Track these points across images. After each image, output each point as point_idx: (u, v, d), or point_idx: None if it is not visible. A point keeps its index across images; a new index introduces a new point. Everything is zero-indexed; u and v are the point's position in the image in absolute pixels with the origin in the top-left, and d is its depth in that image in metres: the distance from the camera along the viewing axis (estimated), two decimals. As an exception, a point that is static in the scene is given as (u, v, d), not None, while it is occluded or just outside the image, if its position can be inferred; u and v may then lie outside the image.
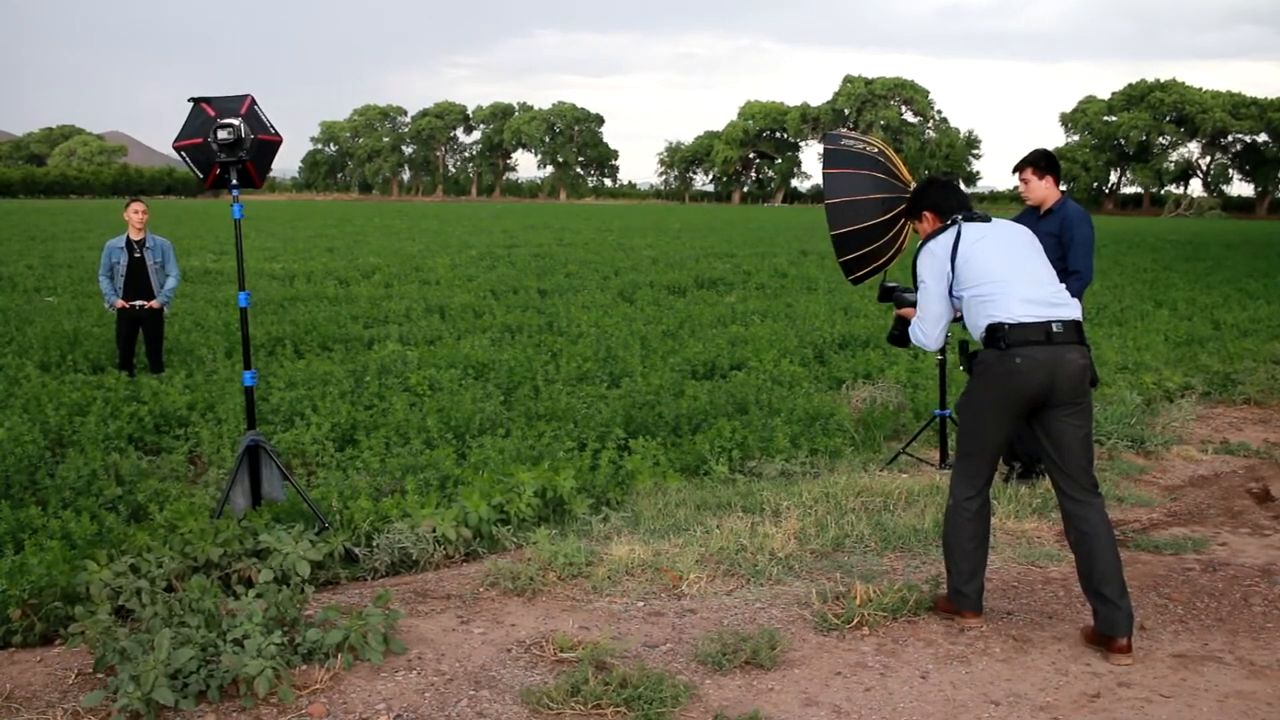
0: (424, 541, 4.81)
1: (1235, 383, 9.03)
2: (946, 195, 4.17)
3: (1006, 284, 3.82)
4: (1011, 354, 3.74)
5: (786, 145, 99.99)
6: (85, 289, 14.86)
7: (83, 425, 6.76)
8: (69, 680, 3.49)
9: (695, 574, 4.47)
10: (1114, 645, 3.73)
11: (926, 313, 4.03)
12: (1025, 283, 3.83)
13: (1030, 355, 3.73)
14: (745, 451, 6.47)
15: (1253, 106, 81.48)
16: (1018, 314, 3.76)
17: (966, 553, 3.97)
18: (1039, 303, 3.79)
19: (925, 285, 4.01)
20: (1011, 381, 3.75)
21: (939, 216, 4.14)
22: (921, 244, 4.11)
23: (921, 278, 4.03)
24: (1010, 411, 3.82)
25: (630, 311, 13.13)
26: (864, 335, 10.91)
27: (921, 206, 4.23)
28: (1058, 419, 3.79)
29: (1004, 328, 3.76)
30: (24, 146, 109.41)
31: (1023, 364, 3.73)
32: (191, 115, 4.92)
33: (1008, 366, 3.75)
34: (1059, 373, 3.73)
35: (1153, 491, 6.10)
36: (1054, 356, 3.73)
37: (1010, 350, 3.74)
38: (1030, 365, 3.72)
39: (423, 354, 9.56)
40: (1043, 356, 3.73)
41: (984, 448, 3.90)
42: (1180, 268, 21.93)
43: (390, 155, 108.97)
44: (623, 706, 3.28)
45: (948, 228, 4.02)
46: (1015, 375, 3.74)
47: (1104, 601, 3.76)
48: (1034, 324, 3.75)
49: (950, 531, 4.00)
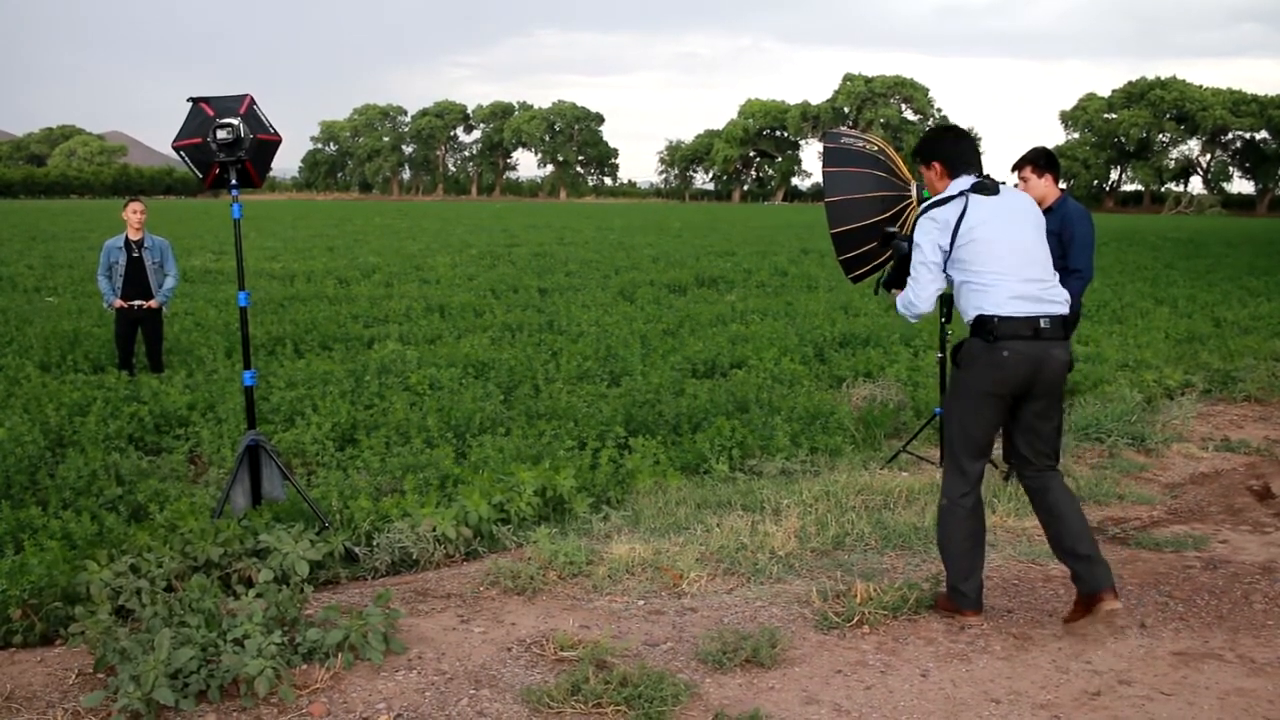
0: (424, 541, 4.81)
1: (1236, 380, 9.03)
2: (960, 148, 4.03)
3: (1001, 276, 3.81)
4: (999, 347, 3.77)
5: (787, 144, 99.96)
6: (85, 289, 14.86)
7: (83, 425, 6.76)
8: (69, 680, 3.49)
9: (696, 572, 4.46)
10: (1101, 600, 3.79)
11: (919, 279, 3.94)
12: (1019, 276, 3.82)
13: (1016, 350, 3.76)
14: (745, 450, 6.47)
15: (1253, 104, 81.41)
16: (1007, 308, 3.77)
17: (963, 551, 3.98)
18: (1029, 298, 3.80)
19: (921, 251, 3.91)
20: (998, 373, 3.79)
21: (948, 170, 4.01)
22: (925, 208, 3.96)
23: (918, 242, 3.93)
24: (996, 402, 3.84)
25: (630, 310, 13.13)
26: (864, 333, 10.90)
27: (932, 154, 4.07)
28: (1033, 410, 3.87)
29: (993, 321, 3.78)
30: (24, 146, 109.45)
31: (1009, 357, 3.77)
32: (191, 115, 4.92)
33: (994, 358, 3.78)
34: (1043, 368, 3.80)
35: (1153, 489, 6.09)
36: (1040, 352, 3.78)
37: (998, 343, 3.77)
38: (1016, 359, 3.77)
39: (423, 353, 9.56)
40: (1029, 351, 3.77)
41: (972, 440, 3.91)
42: (1181, 265, 21.92)
43: (390, 155, 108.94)
44: (623, 705, 3.28)
45: (955, 199, 3.89)
46: (1001, 367, 3.78)
47: (1081, 559, 3.84)
48: (1023, 319, 3.77)
49: (945, 531, 4.00)
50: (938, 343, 6.68)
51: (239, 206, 5.12)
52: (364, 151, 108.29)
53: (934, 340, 9.90)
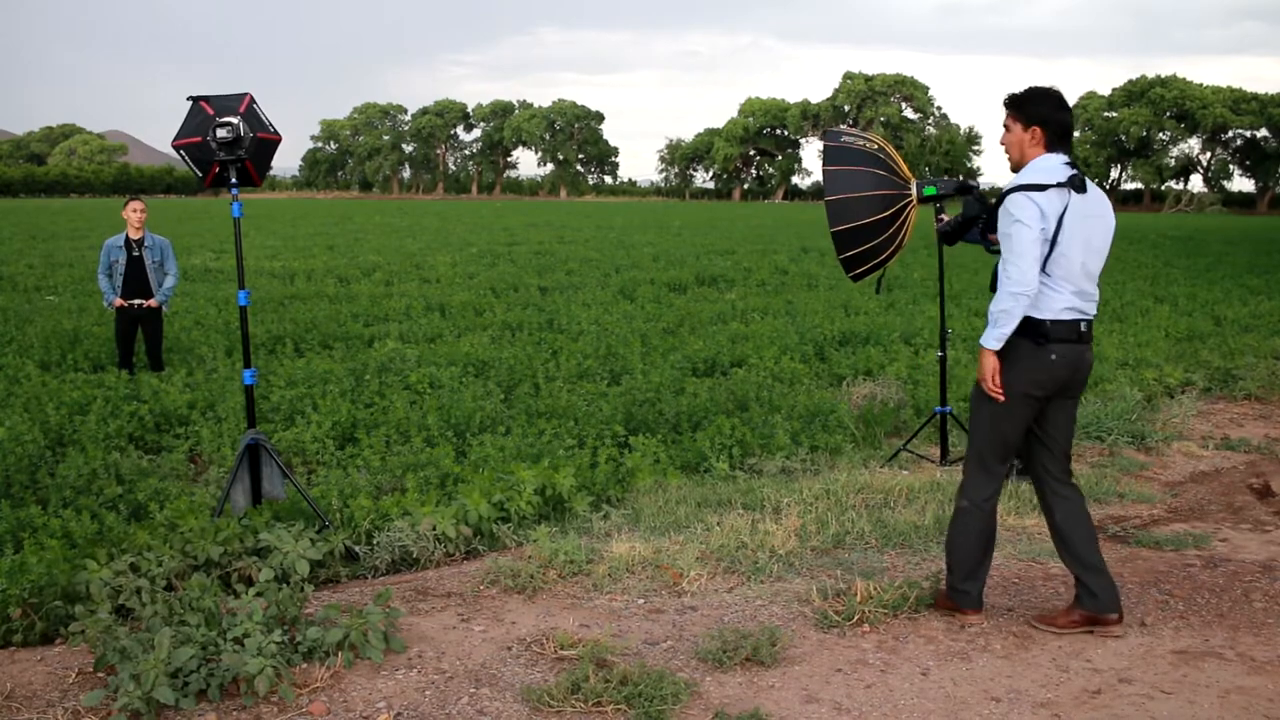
0: (424, 539, 4.81)
1: (1236, 378, 9.03)
2: (1063, 118, 3.78)
3: (1064, 284, 3.76)
4: (1048, 350, 3.77)
5: (787, 142, 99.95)
6: (85, 288, 14.86)
7: (83, 424, 6.77)
8: (69, 679, 3.49)
9: (696, 571, 4.46)
10: (1108, 624, 3.86)
11: (1025, 255, 3.65)
12: (1078, 287, 3.79)
13: (1062, 353, 3.79)
14: (746, 449, 6.46)
15: (1253, 102, 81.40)
16: (1061, 313, 3.77)
17: (974, 553, 3.98)
18: (1080, 302, 3.80)
19: (1026, 228, 3.66)
20: (1042, 375, 3.80)
21: (1048, 141, 3.77)
22: (1021, 185, 3.71)
23: (1022, 219, 3.67)
24: (1033, 404, 3.85)
25: (631, 309, 13.12)
26: (864, 332, 10.90)
27: (1041, 119, 3.77)
28: (1060, 407, 3.91)
29: (1045, 324, 3.76)
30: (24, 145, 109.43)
31: (1056, 360, 3.79)
32: (191, 114, 4.92)
33: (1043, 361, 3.78)
34: (1079, 368, 3.85)
35: (1153, 487, 6.09)
36: (1080, 355, 3.83)
37: (1048, 346, 3.77)
38: (1061, 362, 3.80)
39: (423, 352, 9.56)
40: (1071, 355, 3.81)
41: (1004, 441, 3.91)
42: (1181, 264, 21.91)
43: (391, 153, 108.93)
44: (623, 704, 3.28)
45: (1057, 189, 3.69)
46: (1047, 370, 3.79)
47: (1097, 572, 3.87)
48: (1071, 322, 3.79)
49: (961, 532, 3.98)
50: (938, 341, 6.68)
51: (239, 205, 5.12)
52: (364, 150, 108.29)
53: (934, 339, 9.90)
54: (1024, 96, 3.83)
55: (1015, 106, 3.84)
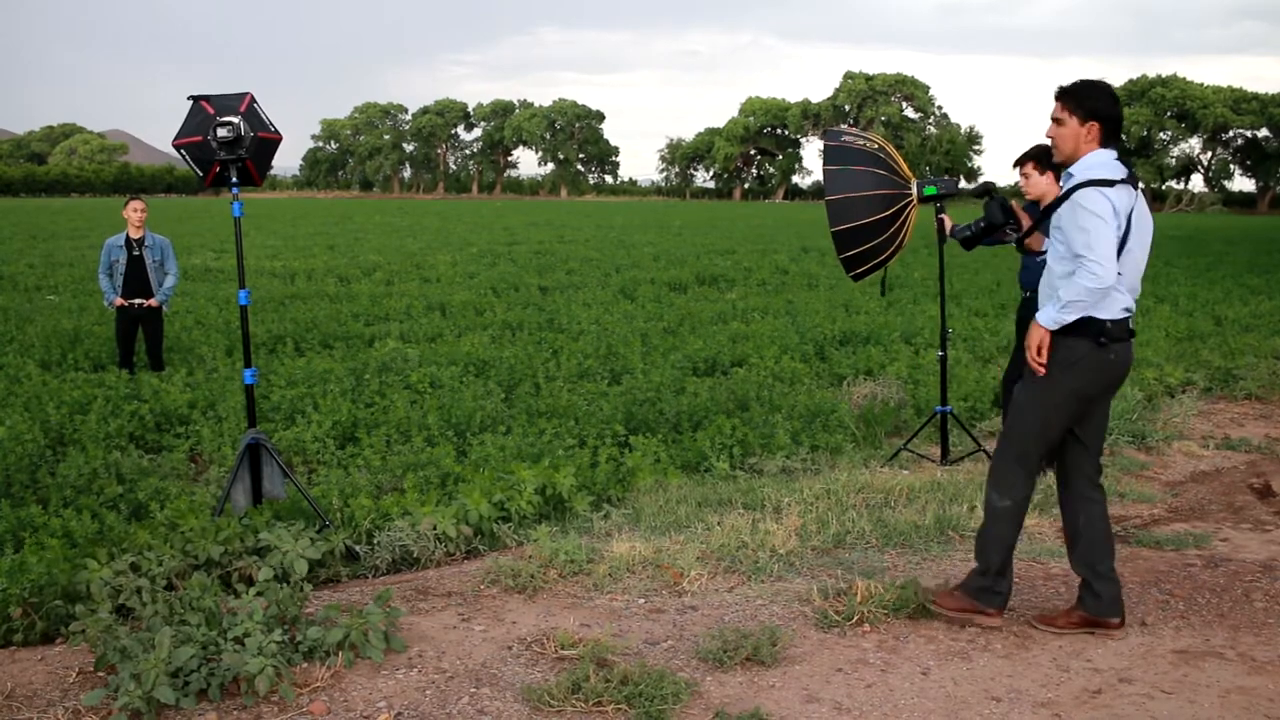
0: (425, 539, 4.81)
1: (1236, 378, 9.03)
2: (1117, 112, 3.70)
3: (1124, 282, 3.73)
4: (1109, 350, 3.76)
5: (787, 142, 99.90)
6: (86, 287, 14.86)
7: (83, 424, 6.77)
8: (70, 679, 3.49)
9: (696, 571, 4.46)
10: (1109, 627, 3.87)
11: (1107, 249, 3.56)
12: (1133, 285, 3.79)
13: (1120, 352, 3.79)
14: (746, 448, 6.46)
15: (1254, 102, 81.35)
16: (1119, 313, 3.76)
17: (1009, 550, 3.95)
18: (1131, 300, 3.81)
19: (1104, 223, 3.56)
20: (1100, 376, 3.79)
21: (1104, 136, 3.70)
22: (1089, 181, 3.61)
23: (1099, 213, 3.56)
24: (1085, 403, 3.83)
25: (631, 309, 13.12)
26: (865, 331, 10.90)
27: (1099, 113, 3.68)
28: (1101, 405, 3.92)
29: (1106, 325, 3.73)
30: (25, 145, 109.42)
31: (1115, 360, 3.78)
32: (191, 113, 4.92)
33: (1102, 361, 3.76)
34: (1129, 364, 3.87)
35: (1154, 487, 6.09)
36: (1129, 351, 3.84)
37: (1109, 346, 3.76)
38: (1118, 360, 3.80)
39: (423, 351, 9.56)
40: (1125, 354, 3.82)
41: (1049, 440, 3.89)
42: (1181, 263, 21.90)
43: (391, 153, 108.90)
44: (624, 704, 3.28)
45: (1124, 184, 3.63)
46: (1107, 370, 3.79)
47: (1107, 580, 3.88)
48: (1124, 320, 3.79)
49: (999, 531, 3.92)
50: (939, 341, 6.68)
51: (239, 205, 5.12)
52: (365, 150, 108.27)
53: (935, 339, 9.90)
54: (1080, 89, 3.72)
55: (1071, 99, 3.72)
